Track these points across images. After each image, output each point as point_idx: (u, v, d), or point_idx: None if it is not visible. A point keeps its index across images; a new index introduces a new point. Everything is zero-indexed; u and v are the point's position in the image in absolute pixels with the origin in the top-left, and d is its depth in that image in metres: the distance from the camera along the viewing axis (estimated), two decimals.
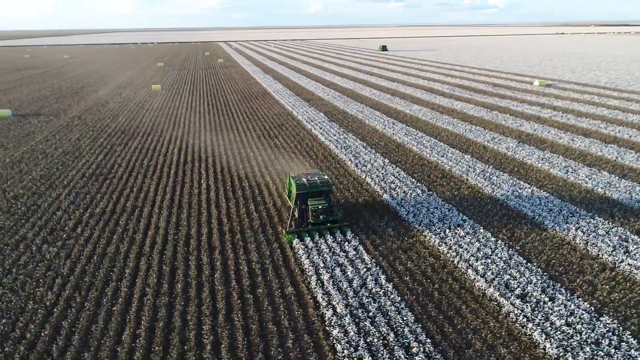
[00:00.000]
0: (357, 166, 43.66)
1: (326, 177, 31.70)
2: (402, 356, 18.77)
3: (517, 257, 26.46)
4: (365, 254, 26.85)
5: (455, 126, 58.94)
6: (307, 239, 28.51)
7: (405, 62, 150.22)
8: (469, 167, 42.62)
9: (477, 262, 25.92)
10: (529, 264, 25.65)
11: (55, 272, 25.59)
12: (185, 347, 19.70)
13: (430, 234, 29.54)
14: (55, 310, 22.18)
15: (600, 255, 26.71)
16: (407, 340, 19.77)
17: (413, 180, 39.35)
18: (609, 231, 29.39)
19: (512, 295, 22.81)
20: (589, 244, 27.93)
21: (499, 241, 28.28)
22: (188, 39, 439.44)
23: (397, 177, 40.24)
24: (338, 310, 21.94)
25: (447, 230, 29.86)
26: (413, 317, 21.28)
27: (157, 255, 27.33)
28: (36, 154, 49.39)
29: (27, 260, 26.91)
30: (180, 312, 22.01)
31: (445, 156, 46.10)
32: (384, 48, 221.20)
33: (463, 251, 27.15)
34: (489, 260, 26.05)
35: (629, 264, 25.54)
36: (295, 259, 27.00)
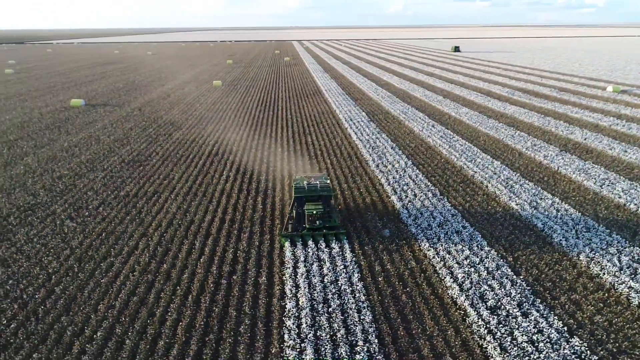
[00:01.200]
0: (377, 167, 43.41)
1: (328, 181, 31.07)
2: (344, 352, 18.92)
3: (505, 268, 25.22)
4: (348, 251, 27.00)
5: (497, 131, 56.25)
6: (299, 244, 28.15)
7: (473, 64, 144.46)
8: (494, 173, 40.73)
9: (459, 269, 25.06)
10: (514, 277, 24.37)
11: (66, 244, 28.55)
12: (149, 321, 21.30)
13: (423, 237, 28.93)
14: (53, 277, 24.87)
15: (601, 275, 24.65)
16: (355, 339, 19.82)
17: (428, 183, 38.45)
18: (621, 251, 26.96)
19: (482, 306, 21.90)
20: (592, 261, 25.86)
21: (493, 251, 27.07)
22: (266, 38, 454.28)
23: (413, 180, 39.52)
24: (300, 302, 22.44)
25: (442, 236, 29.04)
26: (371, 317, 21.22)
27: (157, 237, 29.44)
28: (91, 140, 54.54)
29: (49, 232, 30.23)
30: (157, 289, 23.71)
31: (473, 161, 44.35)
32: (456, 49, 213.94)
33: (449, 258, 26.35)
34: (472, 269, 25.09)
35: (630, 287, 23.37)
36: (280, 251, 27.78)
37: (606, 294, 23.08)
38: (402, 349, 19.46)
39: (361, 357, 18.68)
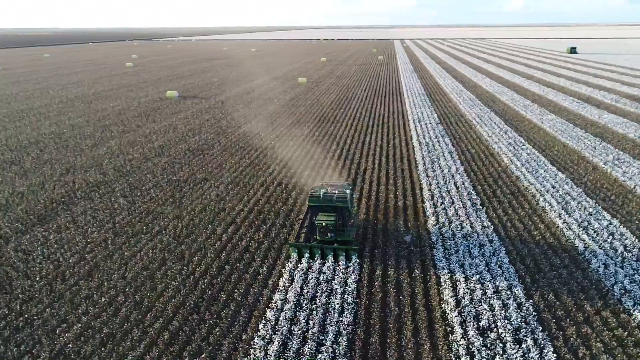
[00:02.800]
0: (425, 170, 41.84)
1: (348, 191, 28.00)
2: (308, 349, 19.01)
3: (518, 290, 23.08)
4: (355, 267, 26.50)
5: (578, 141, 50.70)
6: (306, 256, 26.28)
7: (585, 67, 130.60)
8: (552, 187, 37.04)
9: (464, 283, 23.50)
10: (523, 300, 22.19)
11: (111, 219, 32.08)
12: (148, 294, 23.27)
13: (441, 247, 27.49)
14: (88, 246, 28.19)
15: (631, 312, 21.44)
16: (325, 339, 19.75)
17: (472, 192, 36.15)
18: None
19: (472, 325, 20.37)
20: (626, 295, 22.57)
21: (511, 269, 24.87)
22: (370, 36, 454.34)
23: (457, 187, 37.46)
24: (287, 296, 22.84)
25: (462, 248, 27.34)
26: (350, 319, 20.92)
27: (187, 220, 31.74)
28: (169, 128, 59.87)
29: (101, 207, 34.17)
30: (167, 267, 25.73)
31: (534, 172, 40.65)
32: (572, 50, 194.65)
33: (459, 270, 24.77)
34: (479, 285, 23.36)
35: None
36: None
37: (626, 333, 20.06)
38: (369, 356, 18.95)
39: (323, 357, 18.59)
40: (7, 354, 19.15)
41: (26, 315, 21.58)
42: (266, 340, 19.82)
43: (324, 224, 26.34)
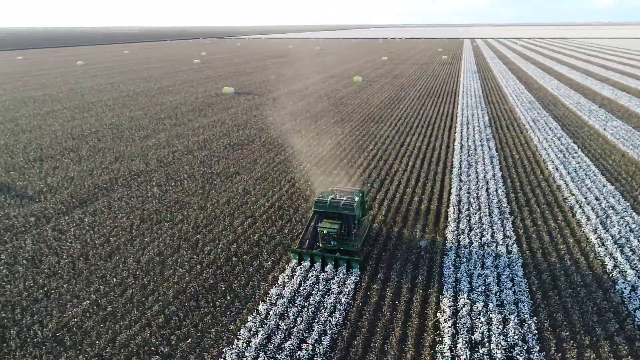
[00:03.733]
0: (459, 175, 40.30)
1: (357, 199, 26.75)
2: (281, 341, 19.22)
3: (523, 305, 21.71)
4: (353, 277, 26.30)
5: None
6: (306, 263, 25.62)
7: None
8: (596, 198, 34.25)
9: (465, 294, 22.48)
10: (527, 317, 20.84)
11: (141, 205, 34.15)
12: (155, 278, 24.58)
13: (452, 255, 26.44)
14: (114, 230, 30.24)
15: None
16: (298, 342, 19.84)
17: (504, 200, 34.32)
18: None
19: (465, 339, 19.49)
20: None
21: (523, 283, 23.39)
22: (440, 35, 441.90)
23: (489, 194, 35.78)
24: (283, 292, 23.13)
25: (475, 258, 26.14)
26: (321, 331, 20.83)
27: (210, 210, 33.03)
28: (217, 123, 62.29)
29: (136, 194, 36.44)
30: (180, 254, 27.00)
31: (578, 181, 37.77)
32: None
33: (465, 280, 23.71)
34: (482, 297, 22.23)
35: None
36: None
37: None
38: (348, 358, 18.77)
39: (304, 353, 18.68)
40: (21, 321, 21.14)
41: (46, 289, 23.65)
42: (252, 332, 20.23)
43: (325, 231, 25.31)
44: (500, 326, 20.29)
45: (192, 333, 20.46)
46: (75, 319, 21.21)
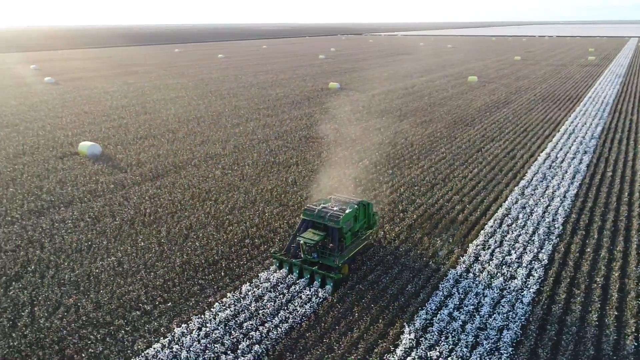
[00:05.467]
0: (525, 188, 36.57)
1: (349, 211, 24.54)
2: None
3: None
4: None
5: None
6: (284, 271, 24.78)
7: None
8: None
9: (402, 356, 21.06)
10: None
11: (198, 184, 38.09)
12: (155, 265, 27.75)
13: (455, 277, 24.74)
14: (164, 204, 34.41)
15: None
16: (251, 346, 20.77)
17: (558, 226, 30.46)
18: None
19: None
20: None
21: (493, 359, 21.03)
22: (599, 33, 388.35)
23: (544, 217, 32.02)
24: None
25: (461, 311, 24.08)
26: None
27: (253, 194, 35.49)
28: (305, 116, 64.97)
29: (199, 175, 40.61)
30: (202, 226, 29.86)
31: None
32: None
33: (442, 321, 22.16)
34: (449, 338, 20.63)
35: None
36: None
37: None
38: None
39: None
40: (60, 265, 25.82)
41: (89, 243, 28.34)
42: (197, 323, 20.80)
43: (302, 241, 23.84)
44: (465, 349, 18.73)
45: (176, 298, 22.88)
46: (96, 271, 25.21)
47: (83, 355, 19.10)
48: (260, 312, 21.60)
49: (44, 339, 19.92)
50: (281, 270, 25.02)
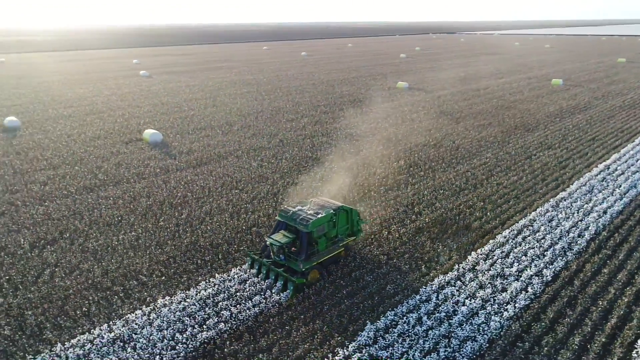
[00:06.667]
0: (560, 202, 33.94)
1: (322, 215, 24.06)
2: None
3: None
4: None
5: None
6: (254, 271, 24.73)
7: None
8: None
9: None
10: None
11: (232, 174, 40.53)
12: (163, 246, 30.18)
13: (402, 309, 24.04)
14: (197, 188, 37.23)
15: None
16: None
17: (584, 240, 28.07)
18: None
19: None
20: None
21: None
22: None
23: (571, 228, 29.62)
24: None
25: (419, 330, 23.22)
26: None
27: (279, 184, 37.10)
28: (359, 115, 65.21)
29: (236, 166, 43.11)
30: (220, 210, 32.00)
31: None
32: None
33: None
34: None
35: None
36: None
37: None
38: None
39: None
40: (89, 234, 29.42)
41: (119, 218, 31.81)
42: (180, 298, 22.55)
43: (268, 242, 24.03)
44: (419, 353, 18.46)
45: (171, 274, 25.10)
46: (115, 243, 28.38)
47: (77, 312, 21.95)
48: (238, 294, 23.01)
49: (52, 295, 23.18)
50: (251, 270, 24.85)
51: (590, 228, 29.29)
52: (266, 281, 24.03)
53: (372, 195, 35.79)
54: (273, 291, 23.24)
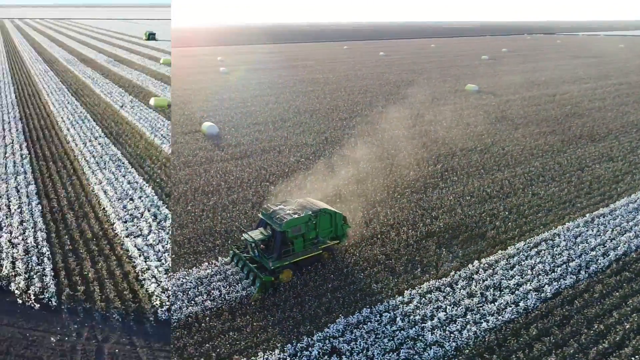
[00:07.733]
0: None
1: (299, 215, 24.43)
2: None
3: None
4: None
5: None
6: (234, 264, 25.76)
7: None
8: None
9: None
10: None
11: (262, 165, 42.53)
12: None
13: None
14: (232, 177, 39.73)
15: None
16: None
17: None
18: None
19: None
20: None
21: None
22: None
23: None
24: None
25: None
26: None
27: (300, 180, 38.48)
28: (413, 116, 64.24)
29: (269, 159, 45.08)
30: (241, 198, 34.09)
31: None
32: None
33: None
34: None
35: None
36: None
37: None
38: None
39: None
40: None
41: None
42: (180, 275, 24.52)
43: (243, 237, 25.11)
44: (378, 351, 18.70)
45: (181, 253, 27.44)
46: None
47: None
48: (231, 277, 24.70)
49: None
50: (231, 263, 25.92)
51: (619, 248, 26.89)
52: (242, 274, 24.84)
53: (395, 196, 35.73)
54: (243, 284, 24.00)
